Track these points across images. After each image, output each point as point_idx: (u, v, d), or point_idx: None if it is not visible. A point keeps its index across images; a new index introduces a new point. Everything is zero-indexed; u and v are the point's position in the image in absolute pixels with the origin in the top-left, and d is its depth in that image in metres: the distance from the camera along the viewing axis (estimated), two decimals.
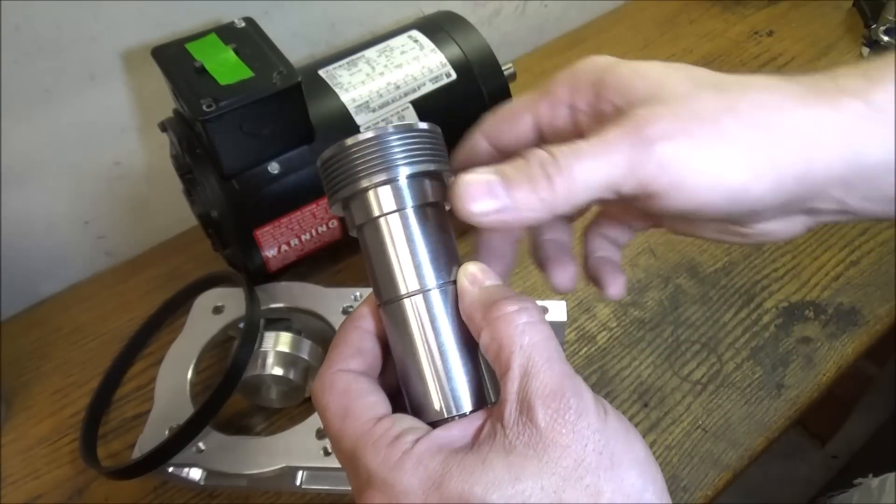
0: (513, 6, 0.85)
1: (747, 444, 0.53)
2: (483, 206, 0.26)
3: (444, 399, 0.28)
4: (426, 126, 0.28)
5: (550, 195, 0.26)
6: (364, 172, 0.27)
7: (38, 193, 0.62)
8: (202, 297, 0.57)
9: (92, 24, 0.56)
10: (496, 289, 0.27)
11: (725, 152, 0.26)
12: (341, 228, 0.59)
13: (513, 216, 0.26)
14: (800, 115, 0.26)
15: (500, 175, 0.26)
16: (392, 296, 0.28)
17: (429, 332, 0.28)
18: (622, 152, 0.25)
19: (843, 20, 0.88)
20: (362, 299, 0.53)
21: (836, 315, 0.60)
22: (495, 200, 0.26)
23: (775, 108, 0.26)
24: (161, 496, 0.53)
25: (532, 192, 0.26)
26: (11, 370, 0.61)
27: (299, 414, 0.56)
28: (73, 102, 0.59)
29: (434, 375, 0.28)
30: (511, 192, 0.26)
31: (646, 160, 0.25)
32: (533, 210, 0.26)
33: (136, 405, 0.58)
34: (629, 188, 0.26)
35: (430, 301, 0.28)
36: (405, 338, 0.28)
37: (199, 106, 0.48)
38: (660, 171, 0.25)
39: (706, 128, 0.26)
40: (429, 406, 0.28)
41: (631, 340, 0.59)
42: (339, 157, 0.28)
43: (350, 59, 0.60)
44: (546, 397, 0.24)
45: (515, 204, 0.26)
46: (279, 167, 0.54)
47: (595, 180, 0.26)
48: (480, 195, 0.26)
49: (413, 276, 0.28)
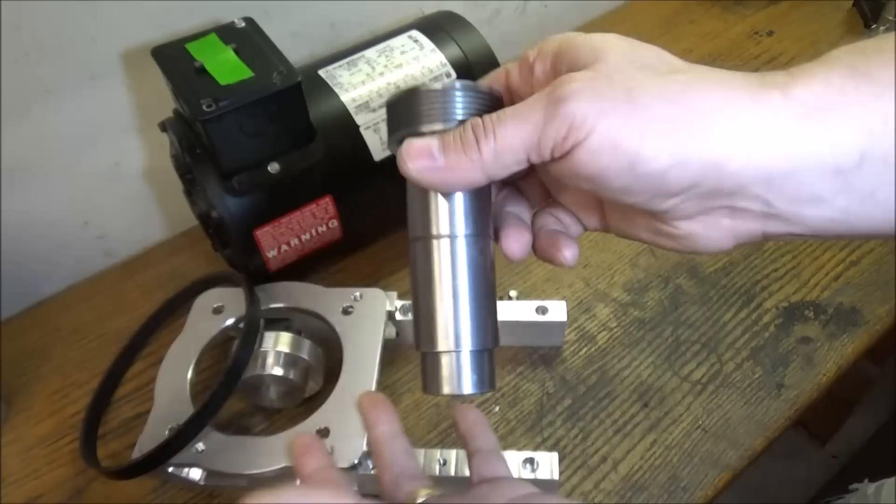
0: (513, 6, 0.85)
1: (747, 444, 0.53)
2: (419, 164, 0.29)
3: (444, 335, 0.31)
4: (487, 87, 0.31)
5: (478, 157, 0.28)
6: (424, 119, 0.30)
7: (38, 193, 0.62)
8: (202, 297, 0.57)
9: (92, 24, 0.56)
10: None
11: (629, 119, 0.26)
12: (341, 228, 0.59)
13: (446, 175, 0.29)
14: (713, 98, 0.27)
15: (439, 140, 0.29)
16: (424, 234, 0.32)
17: (446, 273, 0.31)
18: (538, 112, 0.27)
19: (843, 20, 0.88)
20: (361, 299, 0.54)
21: (836, 315, 0.60)
22: (431, 161, 0.29)
23: (692, 89, 0.27)
24: (161, 496, 0.53)
25: (463, 154, 0.29)
26: (11, 370, 0.61)
27: (299, 414, 0.55)
28: (73, 102, 0.59)
29: (442, 311, 0.31)
30: (446, 154, 0.29)
31: (554, 117, 0.27)
32: (465, 170, 0.29)
33: (136, 405, 0.58)
34: (546, 147, 0.28)
35: (455, 246, 0.31)
36: (425, 273, 0.32)
37: (199, 106, 0.48)
38: (566, 129, 0.27)
39: (615, 93, 0.27)
40: (430, 337, 0.32)
41: (631, 340, 0.59)
42: (406, 99, 0.31)
43: (350, 59, 0.60)
44: None
45: (448, 164, 0.29)
46: (279, 167, 0.54)
47: (517, 141, 0.28)
48: (419, 156, 0.29)
49: (446, 222, 0.31)
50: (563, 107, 0.27)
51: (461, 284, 0.31)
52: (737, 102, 0.26)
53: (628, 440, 0.53)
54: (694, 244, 0.30)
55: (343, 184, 0.57)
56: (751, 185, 0.27)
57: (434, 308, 0.32)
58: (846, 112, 0.26)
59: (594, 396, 0.56)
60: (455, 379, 0.32)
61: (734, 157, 0.26)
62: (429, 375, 0.32)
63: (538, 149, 0.28)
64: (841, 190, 0.26)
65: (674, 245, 0.31)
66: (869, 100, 0.26)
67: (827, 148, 0.26)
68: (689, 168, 0.26)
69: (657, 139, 0.26)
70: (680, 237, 0.30)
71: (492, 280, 0.33)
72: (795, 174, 0.26)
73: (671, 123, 0.26)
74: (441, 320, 0.31)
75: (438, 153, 0.29)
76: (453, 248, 0.31)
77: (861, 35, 0.85)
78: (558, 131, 0.27)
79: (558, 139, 0.27)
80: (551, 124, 0.27)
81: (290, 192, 0.55)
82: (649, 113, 0.26)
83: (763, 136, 0.26)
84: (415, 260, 0.32)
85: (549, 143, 0.27)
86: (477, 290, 0.32)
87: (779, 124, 0.26)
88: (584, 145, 0.27)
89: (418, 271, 0.32)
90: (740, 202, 0.28)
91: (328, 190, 0.56)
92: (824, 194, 0.27)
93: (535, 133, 0.28)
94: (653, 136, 0.26)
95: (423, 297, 0.32)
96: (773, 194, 0.27)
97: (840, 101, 0.26)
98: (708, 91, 0.27)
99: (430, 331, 0.32)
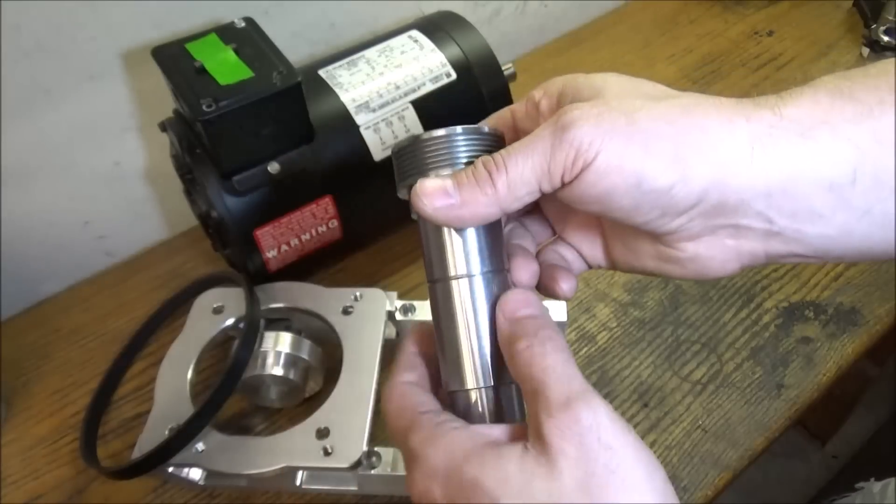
0: (513, 6, 0.85)
1: (747, 444, 0.53)
2: (435, 202, 0.30)
3: (472, 372, 0.32)
4: (490, 130, 0.32)
5: (493, 191, 0.29)
6: (431, 164, 0.31)
7: (38, 193, 0.62)
8: (202, 297, 0.57)
9: (92, 24, 0.56)
10: (520, 324, 0.30)
11: (631, 138, 0.28)
12: (341, 228, 0.59)
13: (462, 211, 0.30)
14: (713, 120, 0.28)
15: (454, 179, 0.30)
16: (442, 276, 0.32)
17: (468, 312, 0.32)
18: (545, 141, 0.29)
19: (843, 20, 0.88)
20: (361, 299, 0.54)
21: (836, 315, 0.60)
22: (447, 199, 0.30)
23: (690, 111, 0.28)
24: (161, 496, 0.53)
25: (478, 190, 0.30)
26: (11, 370, 0.61)
27: (299, 414, 0.55)
28: (73, 102, 0.59)
29: (468, 349, 0.32)
30: (461, 191, 0.30)
31: (561, 144, 0.28)
32: (480, 205, 0.30)
33: (136, 405, 0.58)
34: (556, 174, 0.29)
35: (473, 285, 0.32)
36: (447, 313, 0.32)
37: (199, 106, 0.48)
38: (574, 153, 0.28)
39: (616, 116, 0.28)
40: (458, 376, 0.32)
41: (631, 340, 0.59)
42: (411, 147, 0.32)
43: (350, 59, 0.60)
44: (552, 413, 0.26)
45: (464, 201, 0.30)
46: (279, 167, 0.54)
47: (527, 172, 0.29)
48: (434, 195, 0.30)
49: (462, 262, 0.32)
50: (568, 133, 0.28)
51: (482, 322, 0.32)
52: (733, 122, 0.28)
53: None
54: (700, 268, 0.31)
55: (343, 184, 0.57)
56: (752, 200, 0.28)
57: (459, 347, 0.32)
58: (835, 129, 0.27)
59: None
60: (488, 413, 0.32)
61: (735, 173, 0.27)
62: (462, 414, 0.32)
63: (549, 176, 0.29)
64: (838, 206, 0.28)
65: (681, 272, 0.32)
66: (855, 118, 0.27)
67: (820, 163, 0.27)
68: (693, 184, 0.27)
69: (660, 157, 0.27)
70: (686, 261, 0.31)
71: None
72: (793, 188, 0.27)
73: (672, 142, 0.27)
74: (467, 359, 0.32)
75: (453, 191, 0.30)
76: (472, 288, 0.32)
77: (861, 35, 0.85)
78: (567, 157, 0.28)
79: (567, 164, 0.28)
80: (559, 151, 0.28)
81: (290, 192, 0.55)
82: (651, 133, 0.28)
83: (760, 151, 0.27)
84: (435, 301, 0.33)
85: (558, 170, 0.28)
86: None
87: (774, 140, 0.27)
88: (592, 167, 0.28)
89: (440, 312, 0.33)
90: (743, 220, 0.29)
91: (328, 190, 0.56)
92: (822, 210, 0.28)
93: (544, 162, 0.28)
94: (656, 154, 0.27)
95: (447, 337, 0.33)
96: (774, 210, 0.28)
97: (829, 119, 0.27)
98: (705, 112, 0.28)
99: (458, 370, 0.32)
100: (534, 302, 0.31)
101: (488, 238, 0.32)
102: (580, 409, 0.26)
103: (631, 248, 0.34)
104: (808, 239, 0.29)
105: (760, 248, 0.30)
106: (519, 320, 0.30)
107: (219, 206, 0.53)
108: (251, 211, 0.54)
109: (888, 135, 0.27)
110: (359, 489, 0.50)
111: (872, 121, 0.27)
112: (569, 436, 0.26)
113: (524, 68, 0.66)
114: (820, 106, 0.28)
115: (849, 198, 0.27)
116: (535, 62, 0.87)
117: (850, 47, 0.85)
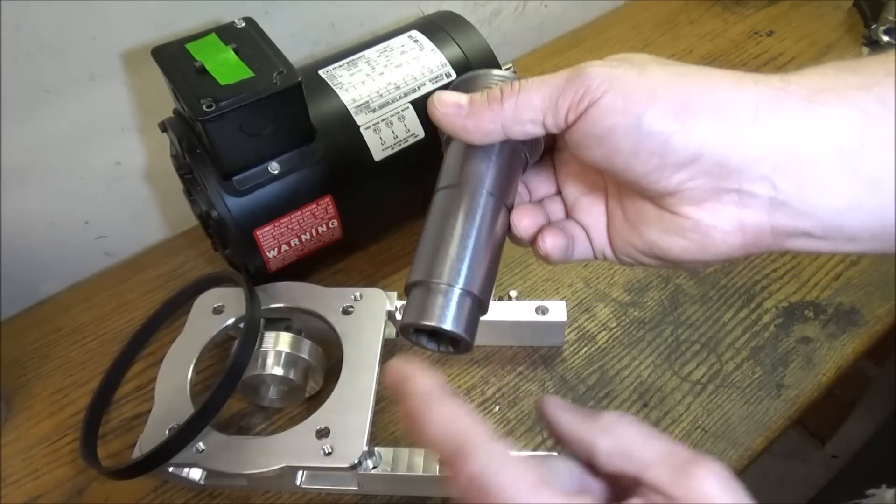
0: (513, 6, 0.85)
1: (747, 444, 0.53)
2: (445, 109, 0.33)
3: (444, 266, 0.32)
4: None
5: (499, 108, 0.31)
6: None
7: (38, 193, 0.62)
8: (202, 297, 0.57)
9: (92, 24, 0.56)
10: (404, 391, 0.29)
11: (640, 84, 0.29)
12: (341, 228, 0.59)
13: (466, 122, 0.32)
14: (721, 80, 0.29)
15: (470, 96, 0.33)
16: (455, 182, 0.34)
17: (462, 216, 0.33)
18: (560, 78, 0.31)
19: (843, 20, 0.88)
20: (361, 299, 0.54)
21: (836, 315, 0.60)
22: (457, 109, 0.33)
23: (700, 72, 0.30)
24: (161, 496, 0.53)
25: (486, 107, 0.32)
26: (11, 370, 0.61)
27: (299, 414, 0.56)
28: (73, 102, 0.59)
29: (447, 247, 0.32)
30: (471, 105, 0.32)
31: (574, 80, 0.30)
32: (484, 119, 0.32)
33: (136, 405, 0.58)
34: (562, 108, 0.30)
35: (479, 198, 0.34)
36: (442, 215, 0.33)
37: (199, 106, 0.48)
38: (583, 90, 0.30)
39: (630, 69, 0.30)
40: (428, 268, 0.32)
41: (631, 340, 0.59)
42: (467, 78, 0.35)
43: (350, 59, 0.60)
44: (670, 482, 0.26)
45: (470, 113, 0.32)
46: (279, 167, 0.54)
47: (536, 100, 0.31)
48: (447, 104, 0.33)
49: (476, 177, 0.34)
50: (582, 73, 0.30)
51: (473, 231, 0.33)
52: (741, 84, 0.29)
53: None
54: (702, 238, 0.30)
55: (343, 184, 0.57)
56: (756, 162, 0.28)
57: (439, 243, 0.33)
58: (843, 95, 0.27)
59: (594, 396, 0.56)
60: (440, 312, 0.31)
61: (739, 132, 0.28)
62: (412, 307, 0.32)
63: (555, 110, 0.31)
64: (846, 175, 0.27)
65: (682, 244, 0.31)
66: (862, 86, 0.27)
67: (827, 127, 0.27)
68: (693, 136, 0.28)
69: (665, 104, 0.28)
70: (688, 230, 0.30)
71: (500, 246, 0.35)
72: (799, 152, 0.27)
73: (679, 92, 0.29)
74: (443, 254, 0.32)
75: (465, 103, 0.32)
76: (474, 198, 0.33)
77: (861, 35, 0.85)
78: (576, 93, 0.30)
79: (574, 100, 0.30)
80: (570, 87, 0.30)
81: (290, 192, 0.55)
82: (660, 83, 0.29)
83: (766, 112, 0.28)
84: (434, 205, 0.34)
85: (565, 105, 0.30)
86: (485, 242, 0.33)
87: (780, 103, 0.28)
88: (597, 105, 0.29)
89: (434, 214, 0.34)
90: (747, 184, 0.28)
91: (328, 190, 0.56)
92: (829, 178, 0.27)
93: (554, 94, 0.30)
94: (661, 101, 0.28)
95: (430, 234, 0.33)
96: (780, 176, 0.28)
97: (836, 87, 0.28)
98: (715, 74, 0.29)
99: (430, 262, 0.32)
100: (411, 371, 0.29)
101: (505, 169, 0.35)
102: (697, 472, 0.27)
103: (634, 219, 0.34)
104: (815, 212, 0.28)
105: (765, 220, 0.29)
106: (404, 392, 0.28)
107: (219, 206, 0.53)
108: (251, 211, 0.54)
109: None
110: (359, 489, 0.50)
111: (880, 88, 0.27)
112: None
113: (524, 68, 0.66)
114: (827, 77, 0.28)
115: (856, 165, 0.27)
116: (535, 62, 0.87)
117: (850, 47, 0.85)
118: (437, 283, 0.32)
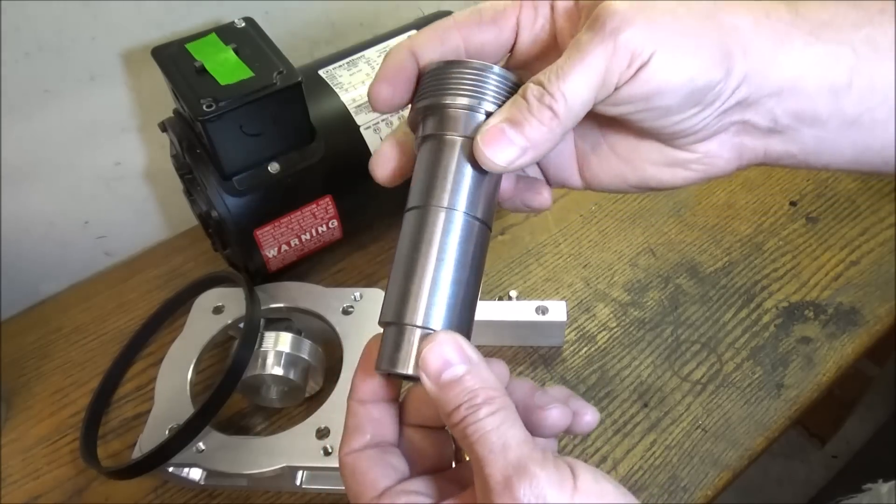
0: None
1: (747, 444, 0.53)
2: (507, 154, 0.28)
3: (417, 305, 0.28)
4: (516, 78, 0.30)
5: (556, 121, 0.28)
6: (452, 91, 0.29)
7: (38, 193, 0.62)
8: (202, 297, 0.57)
9: (92, 24, 0.56)
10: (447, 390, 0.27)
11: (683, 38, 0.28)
12: (341, 228, 0.59)
13: (534, 153, 0.28)
14: (742, 19, 0.29)
15: (508, 122, 0.28)
16: (424, 202, 0.29)
17: (435, 243, 0.29)
18: (595, 52, 0.27)
19: None
20: (361, 299, 0.54)
21: (836, 315, 0.60)
22: (514, 146, 0.28)
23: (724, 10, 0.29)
24: (161, 496, 0.53)
25: (541, 126, 0.28)
26: (11, 370, 0.61)
27: (299, 414, 0.56)
28: (73, 102, 0.59)
29: (420, 280, 0.28)
30: (524, 133, 0.28)
31: (616, 51, 0.27)
32: (547, 140, 0.28)
33: (136, 405, 0.58)
34: (611, 82, 0.27)
35: (452, 219, 0.29)
36: (415, 240, 0.29)
37: (199, 106, 0.48)
38: (629, 57, 0.27)
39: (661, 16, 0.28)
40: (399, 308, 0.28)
41: (631, 340, 0.59)
42: (439, 70, 0.30)
43: (350, 59, 0.60)
44: (492, 497, 0.25)
45: (532, 142, 0.28)
46: (279, 167, 0.54)
47: (584, 91, 0.27)
48: (501, 145, 0.28)
49: (447, 195, 0.29)
50: (621, 37, 0.27)
51: (448, 258, 0.28)
52: (758, 22, 0.29)
53: (628, 440, 0.53)
54: (705, 167, 0.31)
55: (343, 184, 0.57)
56: (767, 97, 0.29)
57: (410, 277, 0.28)
58: (838, 31, 0.28)
59: (594, 396, 0.56)
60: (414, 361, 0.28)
61: (761, 70, 0.28)
62: (385, 352, 0.29)
63: (605, 86, 0.28)
64: (834, 112, 0.29)
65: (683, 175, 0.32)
66: (857, 23, 0.28)
67: (824, 63, 0.28)
68: (732, 80, 0.28)
69: (709, 54, 0.28)
70: (693, 162, 0.31)
71: (479, 272, 0.30)
72: (801, 88, 0.29)
73: (717, 40, 0.28)
74: (415, 290, 0.28)
75: (518, 135, 0.28)
76: (454, 223, 0.29)
77: None
78: (622, 63, 0.27)
79: (622, 68, 0.27)
80: (615, 58, 0.27)
81: (290, 192, 0.55)
82: (696, 32, 0.28)
83: (778, 48, 0.28)
84: (403, 230, 0.30)
85: (614, 78, 0.27)
86: (461, 272, 0.29)
87: (790, 39, 0.28)
88: (648, 67, 0.27)
89: (403, 241, 0.29)
90: (754, 116, 0.30)
91: (328, 190, 0.56)
92: (821, 114, 0.29)
93: (600, 73, 0.27)
94: (705, 52, 0.28)
95: (400, 265, 0.29)
96: (781, 109, 0.29)
97: (834, 22, 0.29)
98: (734, 11, 0.29)
99: (401, 300, 0.28)
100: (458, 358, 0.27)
101: (487, 186, 0.30)
102: (518, 487, 0.24)
103: (627, 155, 0.33)
104: (804, 140, 0.30)
105: (761, 145, 0.31)
106: (444, 386, 0.27)
107: (219, 206, 0.53)
108: (251, 211, 0.54)
109: (885, 42, 0.28)
110: None
111: (871, 27, 0.28)
112: None
113: None
114: (828, 10, 0.29)
115: (843, 104, 0.29)
116: None
117: None
118: (410, 325, 0.28)
